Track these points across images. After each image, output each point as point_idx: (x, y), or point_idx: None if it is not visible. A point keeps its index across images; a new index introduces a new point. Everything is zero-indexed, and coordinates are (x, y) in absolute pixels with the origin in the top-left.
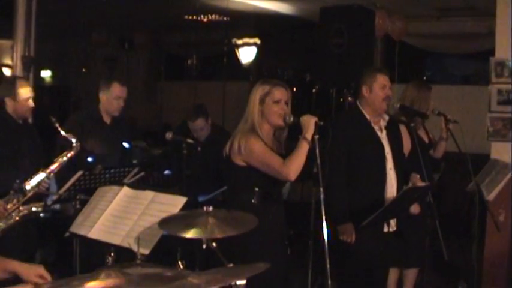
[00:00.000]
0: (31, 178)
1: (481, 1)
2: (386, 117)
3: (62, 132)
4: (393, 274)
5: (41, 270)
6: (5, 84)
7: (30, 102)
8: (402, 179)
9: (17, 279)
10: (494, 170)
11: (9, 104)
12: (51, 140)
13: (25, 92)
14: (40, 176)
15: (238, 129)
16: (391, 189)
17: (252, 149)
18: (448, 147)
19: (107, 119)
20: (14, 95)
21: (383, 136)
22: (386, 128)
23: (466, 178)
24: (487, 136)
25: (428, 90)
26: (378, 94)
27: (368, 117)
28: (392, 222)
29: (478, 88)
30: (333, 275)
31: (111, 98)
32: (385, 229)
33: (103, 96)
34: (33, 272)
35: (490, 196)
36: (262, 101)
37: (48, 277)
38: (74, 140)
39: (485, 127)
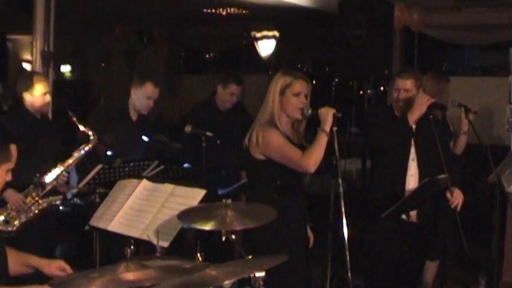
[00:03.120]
0: (50, 172)
1: None
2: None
3: (80, 127)
4: (431, 268)
5: (61, 263)
6: (23, 80)
7: (47, 97)
8: (426, 170)
9: (38, 274)
10: None
11: (27, 99)
12: (71, 134)
13: (41, 87)
14: (58, 169)
15: (256, 121)
16: (412, 180)
17: (270, 141)
18: (468, 138)
19: (133, 116)
20: (31, 90)
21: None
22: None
23: (486, 170)
24: (508, 127)
25: (446, 81)
26: (393, 96)
27: (395, 113)
28: (413, 214)
29: (498, 79)
30: (353, 268)
31: (143, 97)
32: (403, 217)
33: (135, 93)
34: (54, 265)
35: (511, 188)
36: (282, 92)
37: (69, 270)
38: (91, 133)
39: (505, 118)
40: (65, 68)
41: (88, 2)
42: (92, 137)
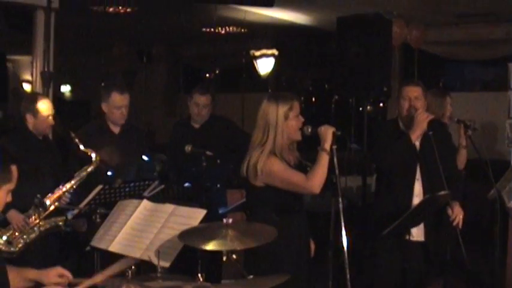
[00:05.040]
0: (52, 193)
1: (499, 7)
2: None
3: (81, 147)
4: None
5: (59, 269)
6: (26, 101)
7: (51, 120)
8: (430, 188)
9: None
10: None
11: (30, 121)
12: (67, 152)
13: (46, 109)
14: (60, 190)
15: (254, 150)
16: (417, 200)
17: (272, 170)
18: (468, 154)
19: (115, 129)
20: (34, 112)
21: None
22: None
23: (486, 185)
24: (507, 142)
25: (447, 97)
26: (402, 106)
27: (402, 127)
28: (419, 232)
29: (497, 94)
30: (354, 285)
31: (112, 108)
32: (407, 237)
33: (104, 106)
34: (52, 273)
35: None
36: (286, 118)
37: (69, 274)
38: (93, 155)
39: (505, 133)
40: (65, 88)
41: (87, 22)
42: (94, 158)
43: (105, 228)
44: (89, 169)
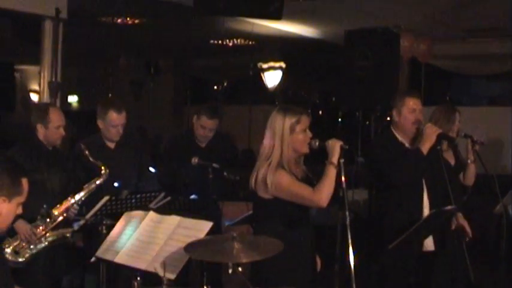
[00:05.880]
0: (60, 204)
1: (507, 22)
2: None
3: (91, 159)
4: None
5: None
6: (37, 111)
7: (62, 131)
8: (436, 201)
9: None
10: None
11: (40, 131)
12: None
13: (57, 120)
14: (69, 202)
15: (261, 162)
16: (426, 212)
17: (280, 183)
18: (475, 169)
19: (110, 145)
20: (45, 122)
21: None
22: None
23: (493, 200)
24: None
25: (455, 113)
26: (407, 118)
27: (400, 139)
28: (430, 242)
29: (503, 109)
30: None
31: (109, 126)
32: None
33: (100, 123)
34: None
35: None
36: (292, 131)
37: None
38: (103, 168)
39: (510, 148)
40: (72, 99)
41: (95, 33)
42: (103, 171)
43: (111, 240)
44: (98, 181)
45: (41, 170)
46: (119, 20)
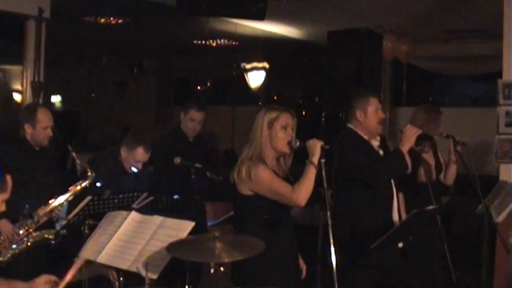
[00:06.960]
0: (45, 205)
1: (489, 23)
2: (378, 138)
3: (78, 161)
4: None
5: (46, 277)
6: (25, 111)
7: (49, 131)
8: (414, 201)
9: None
10: (503, 192)
11: (28, 131)
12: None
13: (45, 120)
14: (54, 203)
15: (244, 156)
16: (401, 211)
17: (260, 177)
18: (457, 169)
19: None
20: (33, 122)
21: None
22: (379, 147)
23: (474, 200)
24: (496, 158)
25: (438, 113)
26: (372, 117)
27: (366, 139)
28: None
29: (486, 110)
30: None
31: (132, 160)
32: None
33: (125, 151)
34: (39, 282)
35: (499, 218)
36: (269, 126)
37: (56, 278)
38: (89, 170)
39: (493, 149)
40: (55, 99)
41: (78, 33)
42: (89, 173)
43: (93, 240)
44: (84, 184)
45: (27, 169)
46: (102, 20)
